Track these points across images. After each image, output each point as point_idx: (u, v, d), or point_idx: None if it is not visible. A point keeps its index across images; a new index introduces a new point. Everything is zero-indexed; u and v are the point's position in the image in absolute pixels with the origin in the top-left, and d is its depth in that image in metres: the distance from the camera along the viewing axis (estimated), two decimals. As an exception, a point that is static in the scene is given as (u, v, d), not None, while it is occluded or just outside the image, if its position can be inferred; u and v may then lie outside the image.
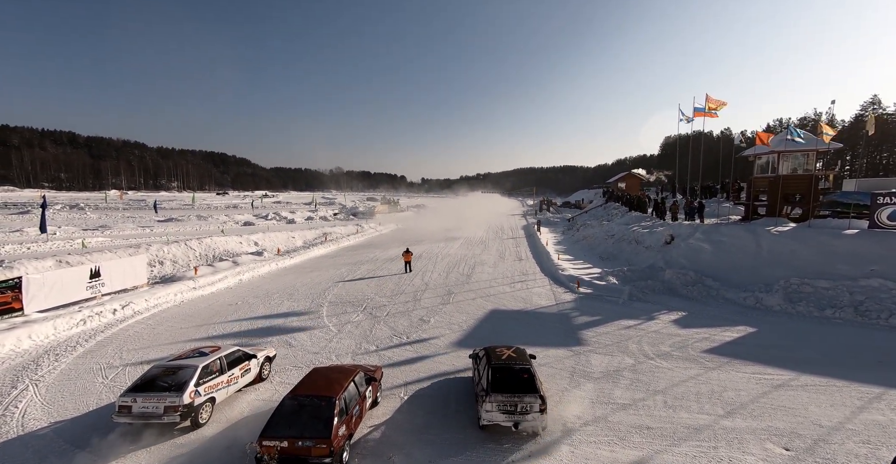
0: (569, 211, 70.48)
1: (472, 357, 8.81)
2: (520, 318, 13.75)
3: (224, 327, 12.64)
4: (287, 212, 55.02)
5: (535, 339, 11.51)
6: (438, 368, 9.83)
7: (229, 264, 20.50)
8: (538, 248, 29.14)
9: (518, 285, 18.41)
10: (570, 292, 16.73)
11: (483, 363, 7.67)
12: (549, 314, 14.05)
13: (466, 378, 9.18)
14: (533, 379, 6.88)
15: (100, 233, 30.73)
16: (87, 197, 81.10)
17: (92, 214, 48.27)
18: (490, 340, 11.37)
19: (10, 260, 15.60)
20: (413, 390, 8.64)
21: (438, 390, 8.67)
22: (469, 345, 11.11)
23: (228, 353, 8.21)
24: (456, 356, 10.48)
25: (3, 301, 11.56)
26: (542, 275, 20.60)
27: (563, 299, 15.78)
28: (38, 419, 7.18)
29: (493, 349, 7.94)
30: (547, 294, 16.67)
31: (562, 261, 22.62)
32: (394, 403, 8.12)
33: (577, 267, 21.29)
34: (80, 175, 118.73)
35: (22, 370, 9.10)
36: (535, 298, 16.08)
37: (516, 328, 12.67)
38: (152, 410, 6.70)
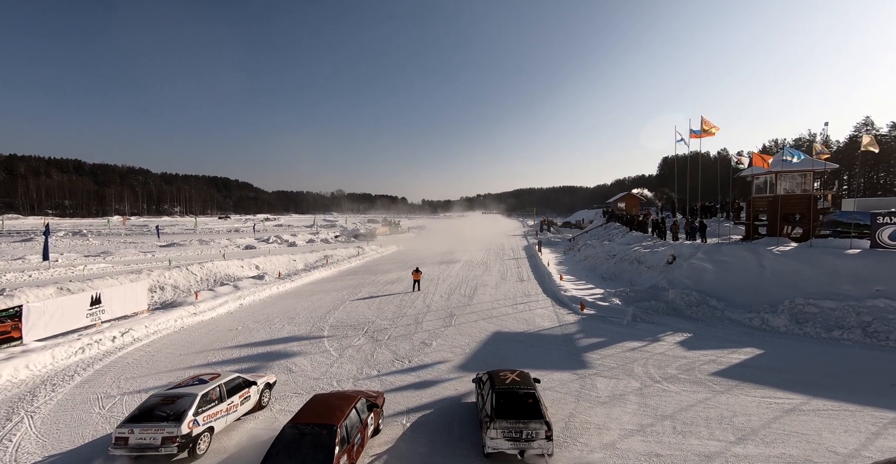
0: (569, 231, 70.68)
1: (476, 382, 8.66)
2: (523, 340, 13.58)
3: (224, 354, 12.48)
4: (288, 235, 55.27)
5: (539, 362, 11.34)
6: (441, 393, 9.64)
7: (230, 289, 20.45)
8: (540, 268, 29.05)
9: (520, 307, 18.26)
10: (573, 313, 16.57)
11: (487, 388, 7.54)
12: (553, 336, 13.87)
13: (470, 404, 8.99)
14: (538, 404, 6.75)
15: (101, 259, 30.82)
16: (90, 223, 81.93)
17: (94, 240, 48.56)
18: (493, 364, 11.22)
19: (12, 288, 15.59)
20: (416, 417, 8.44)
21: (441, 416, 8.47)
22: (472, 369, 10.93)
23: (228, 380, 8.10)
24: (459, 381, 10.30)
25: (3, 330, 11.48)
26: (544, 296, 20.46)
27: (566, 321, 15.61)
28: (32, 453, 7.01)
29: (497, 373, 7.82)
30: (549, 315, 16.51)
31: (564, 282, 22.52)
32: (396, 430, 7.92)
33: (579, 287, 21.16)
34: (84, 202, 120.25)
35: (18, 402, 8.93)
36: (537, 320, 15.92)
37: (519, 351, 12.49)
38: (149, 441, 6.56)
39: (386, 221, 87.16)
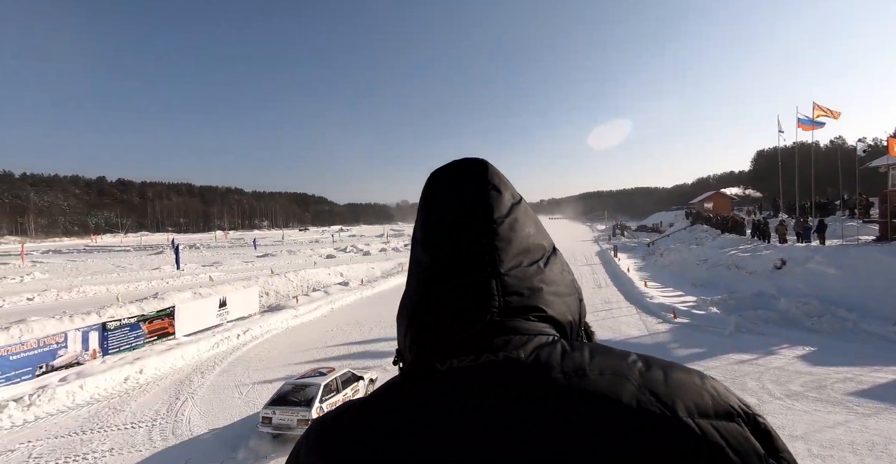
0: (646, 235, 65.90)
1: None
2: (611, 348, 13.10)
3: (326, 352, 13.84)
4: (362, 244, 59.00)
5: (633, 370, 10.88)
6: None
7: (322, 294, 22.53)
8: (618, 274, 27.58)
9: (602, 314, 17.58)
10: (663, 322, 15.55)
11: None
12: (643, 345, 13.17)
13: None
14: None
15: (214, 268, 35.79)
16: (200, 238, 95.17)
17: (206, 252, 56.38)
18: (583, 371, 11.02)
19: (161, 292, 18.93)
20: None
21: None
22: (561, 375, 10.87)
23: (342, 373, 9.07)
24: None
25: (162, 327, 14.08)
26: (627, 303, 19.45)
27: (657, 329, 14.71)
28: (199, 426, 8.53)
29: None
30: (636, 323, 15.68)
31: (648, 288, 21.16)
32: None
33: (666, 295, 19.75)
34: (195, 219, 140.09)
35: (180, 385, 10.88)
36: (623, 328, 15.22)
37: (609, 359, 12.08)
38: (287, 422, 7.63)
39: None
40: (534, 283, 0.49)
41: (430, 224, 0.53)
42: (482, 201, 0.51)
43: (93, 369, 11.13)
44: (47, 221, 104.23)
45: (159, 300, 16.54)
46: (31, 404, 9.14)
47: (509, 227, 0.50)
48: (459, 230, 0.50)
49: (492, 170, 0.55)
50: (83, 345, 11.88)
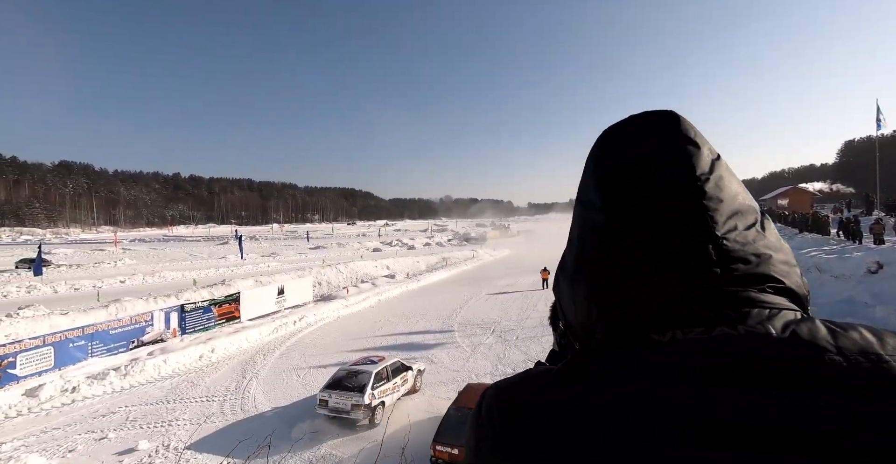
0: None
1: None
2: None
3: (374, 341, 14.34)
4: (407, 239, 60.24)
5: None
6: (583, 398, 9.44)
7: (370, 286, 23.35)
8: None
9: (659, 316, 16.58)
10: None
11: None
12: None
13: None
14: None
15: (272, 258, 38.37)
16: (258, 230, 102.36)
17: (264, 243, 60.52)
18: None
19: (228, 279, 20.67)
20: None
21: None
22: (614, 377, 10.43)
23: (391, 363, 9.35)
24: (601, 388, 9.92)
25: (229, 311, 15.37)
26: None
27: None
28: (263, 403, 9.24)
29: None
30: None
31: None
32: (544, 428, 8.06)
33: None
34: (254, 213, 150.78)
35: (245, 365, 11.84)
36: (683, 331, 14.23)
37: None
38: (342, 406, 8.03)
39: (495, 225, 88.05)
40: (759, 248, 0.41)
41: (613, 183, 0.45)
42: (681, 157, 0.44)
43: (173, 346, 12.41)
44: (134, 213, 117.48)
45: (226, 286, 18.04)
46: (126, 374, 10.41)
47: (715, 185, 0.43)
48: (656, 190, 0.43)
49: (685, 122, 0.47)
50: (166, 324, 13.28)
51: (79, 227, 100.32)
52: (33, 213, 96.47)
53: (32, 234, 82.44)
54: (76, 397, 9.46)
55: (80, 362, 10.85)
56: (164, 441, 7.60)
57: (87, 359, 11.06)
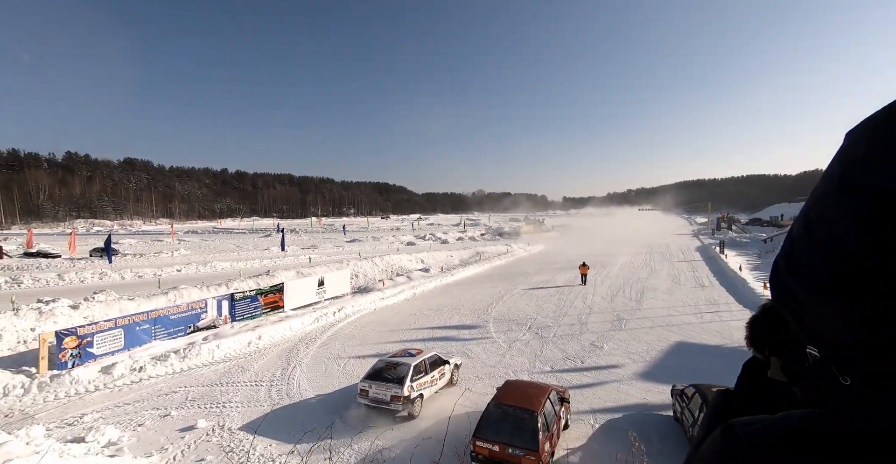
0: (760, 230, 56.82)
1: (677, 395, 7.83)
2: (720, 355, 11.58)
3: (410, 334, 14.56)
4: (440, 233, 60.53)
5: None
6: (626, 399, 9.08)
7: (405, 279, 23.69)
8: (726, 273, 24.24)
9: (707, 316, 15.62)
10: (790, 331, 13.26)
11: (696, 403, 6.74)
12: (764, 356, 11.39)
13: (665, 417, 8.20)
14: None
15: (311, 251, 39.88)
16: (298, 223, 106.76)
17: (304, 236, 63.07)
18: (687, 378, 9.90)
19: (272, 270, 21.74)
20: (602, 419, 8.18)
21: (633, 424, 7.97)
22: (659, 379, 9.95)
23: (429, 356, 9.42)
24: (644, 389, 9.52)
25: (273, 300, 16.16)
26: (738, 306, 17.02)
27: (783, 339, 12.58)
28: (306, 390, 9.65)
29: (709, 388, 6.90)
30: (754, 331, 13.61)
31: (768, 291, 18.17)
32: (584, 429, 7.85)
33: (793, 299, 16.77)
34: (294, 206, 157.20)
35: (289, 352, 12.42)
36: (735, 333, 13.31)
37: (718, 367, 10.68)
38: (382, 396, 8.20)
39: (529, 219, 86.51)
40: None
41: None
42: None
43: (225, 333, 13.23)
44: (187, 207, 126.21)
45: (271, 277, 18.97)
46: (184, 357, 11.22)
47: None
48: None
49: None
50: (218, 311, 14.18)
51: (140, 219, 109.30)
52: (103, 206, 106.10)
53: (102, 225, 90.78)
54: (143, 376, 10.32)
55: (145, 344, 11.84)
56: (219, 421, 8.12)
57: (151, 341, 12.04)
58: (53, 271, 24.69)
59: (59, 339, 10.02)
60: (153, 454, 6.95)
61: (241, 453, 7.01)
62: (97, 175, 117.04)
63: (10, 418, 8.23)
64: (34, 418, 8.22)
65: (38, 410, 8.61)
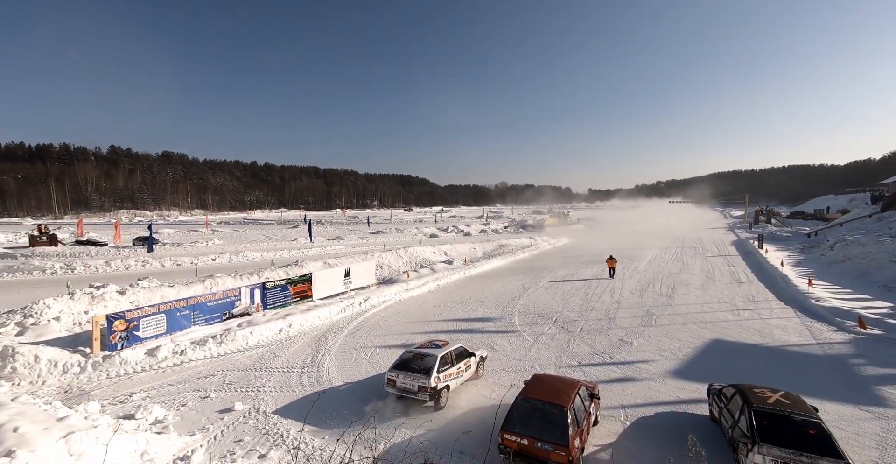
0: (802, 223, 53.60)
1: (713, 394, 7.53)
2: (760, 355, 11.04)
3: (435, 325, 14.65)
4: (463, 225, 60.43)
5: (796, 385, 8.98)
6: (657, 396, 8.83)
7: (429, 271, 23.83)
8: (765, 268, 23.02)
9: (745, 314, 14.92)
10: (840, 331, 12.48)
11: (737, 404, 6.45)
12: (811, 356, 10.78)
13: (700, 416, 7.92)
14: (830, 439, 5.34)
15: (336, 242, 40.73)
16: (323, 215, 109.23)
17: (329, 227, 64.45)
18: (722, 376, 9.54)
19: (300, 261, 22.37)
20: (633, 416, 7.99)
21: (666, 422, 7.75)
22: (692, 377, 9.61)
23: (455, 347, 9.44)
24: (677, 387, 9.21)
25: (302, 290, 16.64)
26: (780, 303, 16.15)
27: (830, 338, 11.87)
28: (335, 377, 9.91)
29: (750, 388, 6.58)
30: (797, 329, 12.89)
31: (814, 288, 17.13)
32: (615, 425, 7.69)
33: (842, 297, 15.75)
34: (320, 198, 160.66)
35: (318, 341, 12.78)
36: (777, 332, 12.68)
37: (757, 367, 10.22)
38: (409, 386, 8.30)
39: (553, 212, 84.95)
40: None
41: None
42: None
43: (257, 320, 13.74)
44: (219, 198, 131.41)
45: (299, 267, 19.51)
46: (221, 342, 11.76)
47: None
48: None
49: None
50: (251, 299, 14.74)
51: (177, 210, 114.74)
52: (143, 197, 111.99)
53: (143, 215, 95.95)
54: (184, 358, 10.90)
55: (185, 329, 12.48)
56: (254, 405, 8.48)
57: (191, 327, 12.67)
58: (101, 259, 26.36)
59: (110, 322, 10.69)
60: (196, 433, 7.34)
61: (276, 436, 7.29)
62: (138, 168, 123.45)
63: (70, 393, 8.90)
64: (90, 394, 8.85)
65: (92, 387, 9.27)
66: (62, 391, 9.00)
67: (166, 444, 6.67)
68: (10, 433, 5.22)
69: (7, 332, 11.04)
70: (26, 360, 9.25)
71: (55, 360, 9.65)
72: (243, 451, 6.85)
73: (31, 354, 9.39)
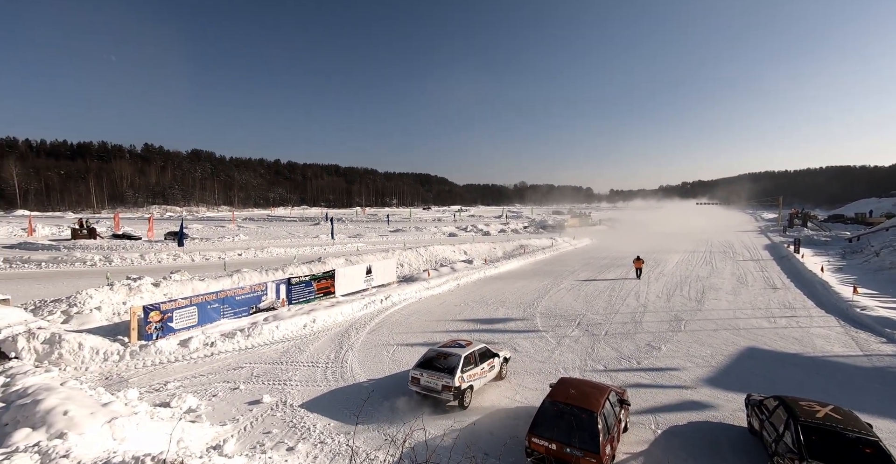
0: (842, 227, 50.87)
1: (753, 404, 7.19)
2: (800, 364, 10.50)
3: (456, 325, 14.60)
4: (482, 225, 60.15)
5: (843, 399, 8.48)
6: (689, 405, 8.50)
7: (449, 270, 23.80)
8: (803, 274, 21.92)
9: (782, 321, 14.23)
10: (889, 342, 11.74)
11: (780, 417, 6.12)
12: (857, 368, 10.17)
13: (737, 427, 7.58)
14: (891, 461, 4.97)
15: (357, 240, 41.26)
16: (344, 212, 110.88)
17: (349, 225, 65.38)
18: (759, 386, 9.13)
19: (323, 257, 22.75)
20: (665, 425, 7.72)
21: (699, 432, 7.45)
22: (727, 386, 9.23)
23: (479, 348, 9.36)
24: (711, 395, 8.86)
25: (325, 286, 16.90)
26: (820, 311, 15.34)
27: (879, 350, 11.17)
28: (359, 374, 10.01)
29: (795, 401, 6.24)
30: (840, 338, 12.20)
31: (859, 296, 16.18)
32: (645, 433, 7.45)
33: (890, 307, 14.80)
34: (340, 196, 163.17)
35: (341, 337, 12.94)
36: (818, 342, 12.03)
37: (797, 377, 9.71)
38: (433, 385, 8.28)
39: (574, 212, 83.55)
40: None
41: None
42: None
43: (283, 315, 14.05)
44: (245, 195, 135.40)
45: (322, 263, 19.83)
46: (249, 335, 12.07)
47: None
48: None
49: None
50: (276, 294, 15.07)
51: (205, 206, 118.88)
52: (173, 193, 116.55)
53: (173, 211, 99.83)
54: (214, 350, 11.24)
55: (215, 322, 12.87)
56: (282, 398, 8.65)
57: (220, 320, 13.06)
58: (136, 252, 27.56)
59: (146, 313, 11.14)
60: (226, 424, 7.54)
61: (303, 430, 7.41)
62: (169, 165, 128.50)
63: (110, 380, 9.31)
64: (128, 381, 9.24)
65: (130, 375, 9.67)
66: (103, 378, 9.43)
67: (199, 432, 6.87)
68: (60, 416, 5.49)
69: (54, 319, 11.67)
70: (71, 347, 9.74)
71: (97, 347, 10.12)
72: (272, 443, 6.98)
73: (75, 341, 9.88)
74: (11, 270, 22.46)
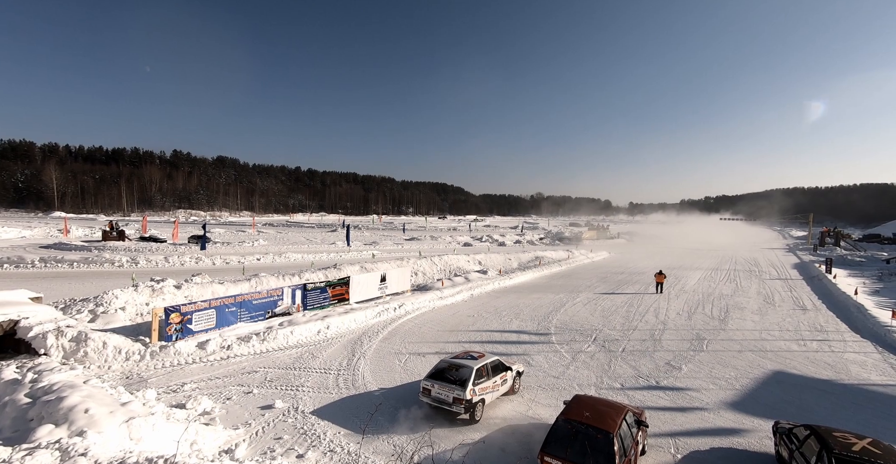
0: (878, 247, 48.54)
1: (781, 433, 6.80)
2: (833, 392, 9.92)
3: (468, 335, 14.45)
4: (497, 235, 59.82)
5: (882, 431, 7.96)
6: (712, 429, 8.11)
7: (463, 280, 23.69)
8: (835, 296, 20.89)
9: (812, 344, 13.53)
10: (930, 372, 10.97)
11: (812, 448, 5.76)
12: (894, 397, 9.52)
13: (763, 455, 7.18)
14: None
15: (372, 247, 41.62)
16: (360, 220, 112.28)
17: (366, 232, 66.10)
18: (789, 413, 8.66)
19: (338, 264, 23.03)
20: (686, 449, 7.37)
21: (723, 458, 7.08)
22: (753, 411, 8.78)
23: (491, 360, 9.20)
24: (735, 420, 8.44)
25: (340, 292, 17.04)
26: (854, 335, 14.53)
27: (919, 381, 10.44)
28: (370, 382, 9.97)
29: (829, 432, 5.87)
30: (878, 366, 11.50)
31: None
32: (664, 457, 7.13)
33: (931, 333, 13.89)
34: (357, 204, 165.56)
35: (354, 344, 12.97)
36: (853, 368, 11.36)
37: (831, 406, 9.16)
38: (444, 397, 8.16)
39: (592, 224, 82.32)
40: None
41: None
42: None
43: (298, 320, 14.19)
44: (265, 201, 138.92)
45: (338, 270, 20.05)
46: (264, 339, 12.24)
47: None
48: None
49: None
50: (292, 299, 15.27)
51: (227, 211, 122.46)
52: (198, 198, 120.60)
53: (197, 215, 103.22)
54: (230, 353, 11.43)
55: (232, 325, 13.11)
56: (293, 403, 8.69)
57: (237, 323, 13.30)
58: (161, 254, 28.52)
59: (167, 314, 11.45)
60: (239, 428, 7.60)
61: (313, 437, 7.40)
62: (196, 171, 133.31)
63: (130, 379, 9.56)
64: (147, 381, 9.46)
65: (150, 375, 9.90)
66: (124, 377, 9.68)
67: (213, 435, 6.95)
68: (81, 414, 5.65)
69: (82, 318, 12.11)
70: (96, 345, 10.07)
71: (119, 347, 10.43)
72: (282, 449, 6.99)
73: (100, 340, 10.21)
74: (46, 269, 23.54)
